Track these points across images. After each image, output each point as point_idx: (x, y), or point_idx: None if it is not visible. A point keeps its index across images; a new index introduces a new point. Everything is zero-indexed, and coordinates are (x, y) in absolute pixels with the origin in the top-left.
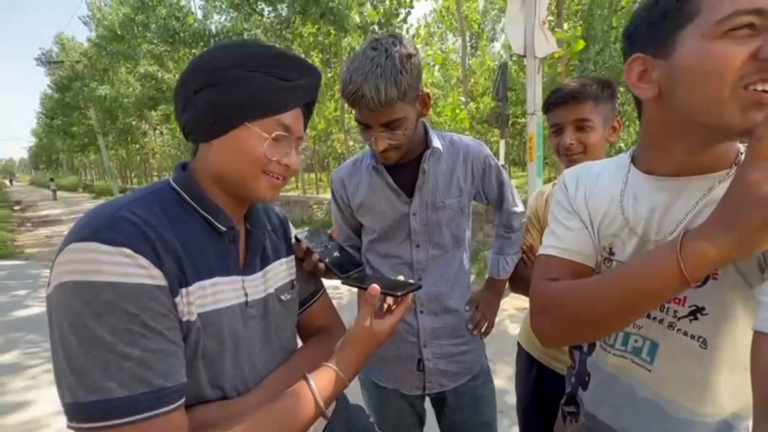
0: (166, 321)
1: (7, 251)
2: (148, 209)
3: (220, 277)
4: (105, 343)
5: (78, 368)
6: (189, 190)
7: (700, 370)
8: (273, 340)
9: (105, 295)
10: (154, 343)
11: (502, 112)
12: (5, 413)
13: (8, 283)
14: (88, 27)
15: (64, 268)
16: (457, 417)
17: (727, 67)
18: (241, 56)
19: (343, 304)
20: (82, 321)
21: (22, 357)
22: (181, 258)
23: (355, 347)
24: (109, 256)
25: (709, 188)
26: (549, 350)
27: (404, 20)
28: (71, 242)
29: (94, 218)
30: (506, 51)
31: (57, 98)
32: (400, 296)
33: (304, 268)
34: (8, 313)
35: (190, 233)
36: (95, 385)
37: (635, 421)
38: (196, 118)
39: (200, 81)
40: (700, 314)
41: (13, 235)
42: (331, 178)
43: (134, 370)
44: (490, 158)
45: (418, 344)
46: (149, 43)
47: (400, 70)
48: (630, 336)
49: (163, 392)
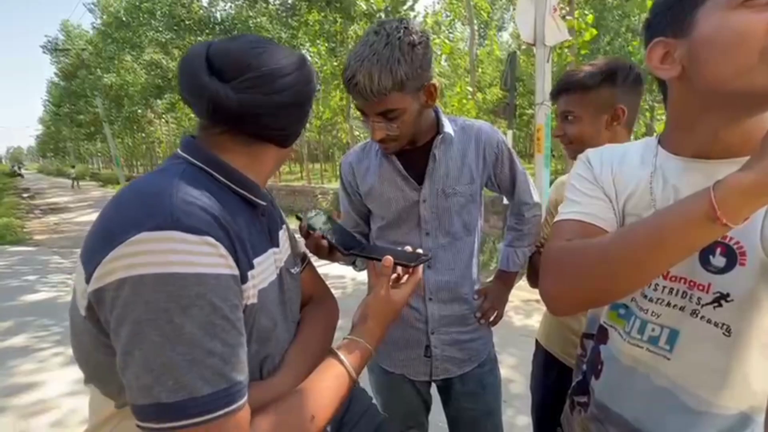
0: (238, 312)
1: (16, 238)
2: (201, 192)
3: (263, 253)
4: (193, 338)
5: (159, 367)
6: (218, 167)
7: (724, 358)
8: (287, 312)
9: (192, 287)
10: (231, 336)
11: (510, 103)
12: (16, 393)
13: (19, 268)
14: (93, 14)
15: (139, 259)
16: (463, 403)
17: (750, 35)
18: (313, 76)
19: (348, 293)
20: (168, 316)
21: (33, 340)
22: (245, 242)
23: (374, 318)
24: (194, 246)
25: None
26: (571, 350)
27: (411, 8)
28: (141, 231)
29: (156, 204)
30: (515, 40)
31: (63, 86)
32: (413, 266)
33: (307, 247)
34: (19, 297)
35: (238, 213)
36: (179, 384)
37: (649, 412)
38: (269, 123)
39: (291, 95)
40: (725, 301)
41: (21, 221)
42: (340, 162)
43: (217, 365)
44: (502, 143)
45: (427, 331)
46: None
47: (398, 58)
48: (647, 324)
49: (239, 386)
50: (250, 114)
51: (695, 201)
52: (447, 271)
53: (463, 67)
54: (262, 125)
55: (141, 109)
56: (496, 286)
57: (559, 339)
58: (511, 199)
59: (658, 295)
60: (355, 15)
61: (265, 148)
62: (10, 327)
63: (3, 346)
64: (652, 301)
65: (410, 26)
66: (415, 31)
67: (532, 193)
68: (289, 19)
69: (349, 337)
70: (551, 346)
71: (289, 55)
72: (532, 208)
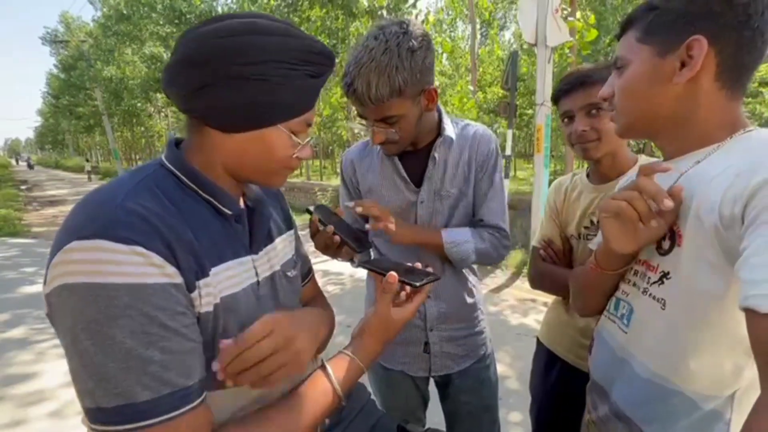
0: (183, 319)
1: (14, 229)
2: (153, 198)
3: (232, 260)
4: (125, 347)
5: (98, 374)
6: (187, 172)
7: (661, 329)
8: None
9: (121, 298)
10: (173, 343)
11: (511, 102)
12: (14, 384)
13: (17, 260)
14: (94, 6)
15: (70, 268)
16: (461, 399)
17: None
18: (284, 49)
19: (346, 290)
20: (97, 326)
21: (30, 332)
22: (195, 249)
23: (372, 335)
24: (122, 256)
25: (696, 161)
26: (575, 348)
27: (413, 5)
28: (74, 239)
29: (96, 212)
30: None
31: (63, 78)
32: (419, 286)
33: (316, 242)
34: (16, 289)
35: (198, 220)
36: (118, 390)
37: (617, 382)
38: (217, 107)
39: (235, 69)
40: (666, 278)
41: (20, 214)
42: (341, 158)
43: (157, 372)
44: (494, 152)
45: (425, 328)
46: (155, 23)
47: (396, 65)
48: (620, 302)
49: (187, 390)
50: (172, 95)
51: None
52: (444, 270)
53: (464, 66)
54: (186, 107)
55: (140, 103)
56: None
57: (563, 337)
58: (476, 215)
59: (629, 277)
60: (357, 12)
61: (205, 135)
62: (8, 319)
63: (1, 338)
64: (625, 282)
65: (411, 30)
66: (416, 36)
67: (503, 218)
68: (291, 15)
69: (343, 351)
70: (554, 344)
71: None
72: (500, 237)
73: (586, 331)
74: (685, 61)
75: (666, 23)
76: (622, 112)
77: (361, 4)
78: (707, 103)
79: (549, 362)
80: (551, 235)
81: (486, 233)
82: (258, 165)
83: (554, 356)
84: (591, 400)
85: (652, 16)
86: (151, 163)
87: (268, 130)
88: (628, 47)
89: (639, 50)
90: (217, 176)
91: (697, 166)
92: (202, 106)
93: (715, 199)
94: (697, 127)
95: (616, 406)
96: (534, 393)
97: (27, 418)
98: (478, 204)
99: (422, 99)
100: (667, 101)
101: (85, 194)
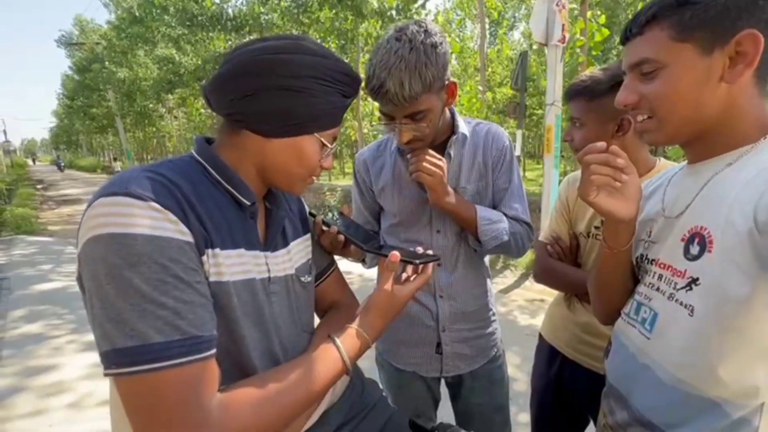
0: (195, 275)
1: (31, 228)
2: (173, 173)
3: (241, 248)
4: (141, 291)
5: (116, 316)
6: (214, 163)
7: (688, 336)
8: (296, 320)
9: (139, 246)
10: (186, 294)
11: (521, 102)
12: (34, 375)
13: (35, 257)
14: (108, 9)
15: (96, 221)
16: (473, 399)
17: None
18: (322, 68)
19: (355, 289)
20: (119, 271)
21: (47, 327)
22: (204, 221)
23: (377, 311)
24: (140, 210)
25: (728, 164)
26: (575, 344)
27: (422, 6)
28: (100, 197)
29: (120, 178)
30: (526, 39)
31: (77, 80)
32: (419, 264)
33: (322, 243)
34: (34, 286)
35: (214, 202)
36: (133, 332)
37: (638, 387)
38: (261, 114)
39: (278, 81)
40: (695, 285)
41: (36, 212)
42: (355, 159)
43: (169, 318)
44: (507, 149)
45: (437, 328)
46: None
47: (425, 62)
48: (641, 306)
49: (197, 340)
50: (215, 100)
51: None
52: (457, 269)
53: (473, 66)
54: (230, 111)
55: (152, 104)
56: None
57: (564, 333)
58: (498, 210)
59: (650, 280)
60: (366, 13)
61: (242, 137)
62: (25, 315)
63: (19, 332)
64: (646, 286)
65: (429, 28)
66: (435, 32)
67: (527, 213)
68: (301, 16)
69: (349, 325)
70: (556, 340)
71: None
72: (518, 224)
73: (587, 327)
74: (734, 58)
75: (709, 18)
76: (666, 119)
77: (371, 5)
78: (746, 101)
79: (550, 357)
80: (560, 231)
81: (515, 222)
82: (287, 169)
83: (555, 351)
84: (607, 404)
85: (691, 11)
86: (181, 155)
87: (303, 138)
88: (659, 48)
89: (678, 49)
90: (243, 173)
91: (728, 169)
92: (247, 111)
93: (750, 204)
94: (736, 127)
95: (637, 412)
96: (534, 387)
97: (48, 407)
98: (498, 200)
99: (444, 93)
100: (715, 102)
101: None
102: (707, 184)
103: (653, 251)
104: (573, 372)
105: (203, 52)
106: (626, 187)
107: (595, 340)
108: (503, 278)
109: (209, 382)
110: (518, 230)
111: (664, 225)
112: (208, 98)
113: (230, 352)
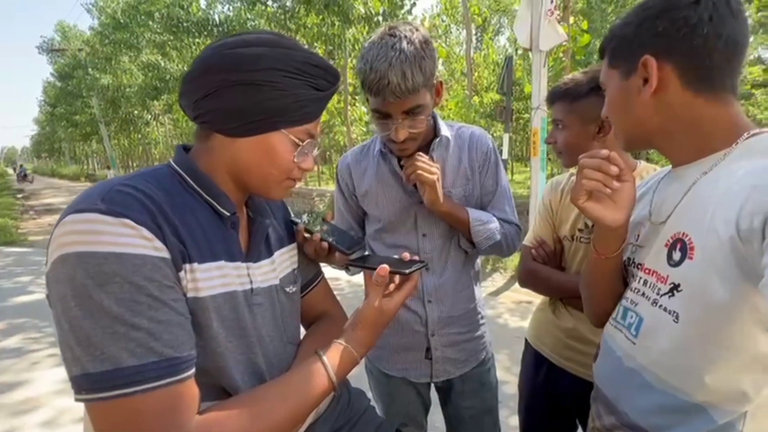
0: (172, 292)
1: (11, 238)
2: (147, 185)
3: (226, 261)
4: (112, 313)
5: (85, 339)
6: (191, 172)
7: (673, 342)
8: (281, 332)
9: (109, 265)
10: (161, 314)
11: (507, 106)
12: (7, 392)
13: (12, 269)
14: (90, 15)
15: (64, 239)
16: (463, 403)
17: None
18: (287, 59)
19: (344, 294)
20: (86, 292)
21: (25, 341)
22: (181, 234)
23: (365, 326)
24: (111, 227)
25: (703, 172)
26: (560, 349)
27: (409, 11)
28: (68, 214)
29: (92, 192)
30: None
31: (59, 86)
32: (408, 273)
33: (306, 251)
34: (12, 298)
35: (192, 214)
36: (104, 355)
37: (625, 392)
38: (224, 112)
39: (238, 76)
40: (677, 291)
41: (16, 222)
42: (338, 164)
43: (143, 339)
44: (492, 151)
45: (426, 333)
46: (152, 32)
47: (423, 56)
48: (628, 311)
49: (174, 361)
50: (185, 103)
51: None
52: (445, 273)
53: (460, 71)
54: (198, 113)
55: (138, 111)
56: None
57: (549, 338)
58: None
59: (636, 285)
60: (353, 18)
61: (213, 141)
62: (3, 328)
63: None
64: (632, 291)
65: (418, 27)
66: (423, 30)
67: (514, 214)
68: (288, 22)
69: (336, 340)
70: (541, 345)
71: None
72: (507, 225)
73: (572, 332)
74: (645, 78)
75: (624, 49)
76: (616, 128)
77: (357, 11)
78: (688, 112)
79: (536, 362)
80: (544, 235)
81: (504, 223)
82: (260, 171)
83: (541, 356)
84: (596, 408)
85: (613, 44)
86: (161, 165)
87: (271, 135)
88: (603, 73)
89: (611, 75)
90: (220, 180)
91: (704, 177)
92: (212, 111)
93: (732, 212)
94: (690, 136)
95: (625, 416)
96: (522, 392)
97: (21, 425)
98: (486, 202)
99: (433, 91)
100: (647, 115)
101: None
102: (689, 191)
103: (640, 255)
104: (560, 377)
105: (189, 58)
106: (618, 195)
107: (581, 346)
108: (492, 281)
109: (188, 405)
110: (508, 230)
111: (650, 230)
112: (181, 103)
113: (210, 371)
